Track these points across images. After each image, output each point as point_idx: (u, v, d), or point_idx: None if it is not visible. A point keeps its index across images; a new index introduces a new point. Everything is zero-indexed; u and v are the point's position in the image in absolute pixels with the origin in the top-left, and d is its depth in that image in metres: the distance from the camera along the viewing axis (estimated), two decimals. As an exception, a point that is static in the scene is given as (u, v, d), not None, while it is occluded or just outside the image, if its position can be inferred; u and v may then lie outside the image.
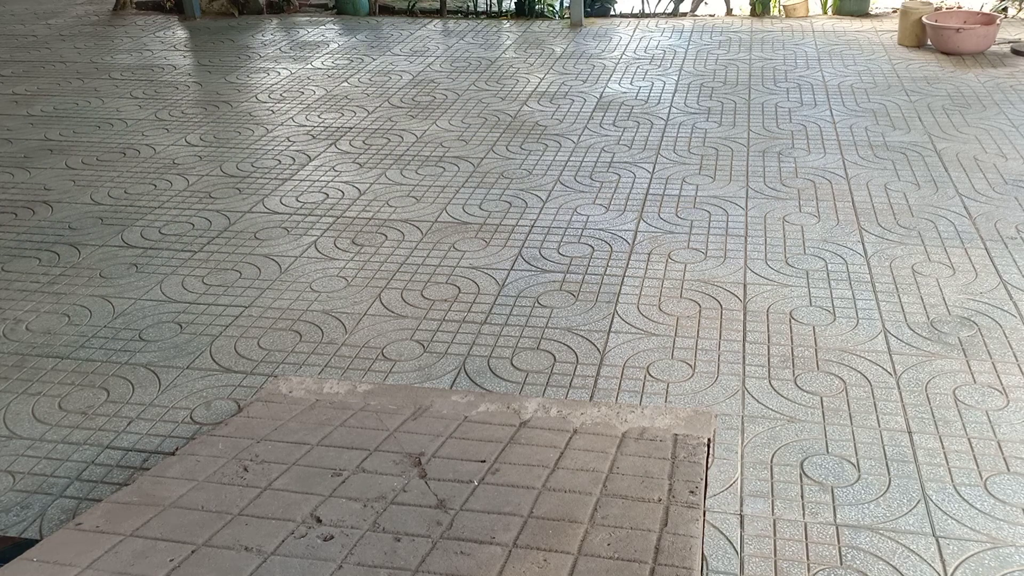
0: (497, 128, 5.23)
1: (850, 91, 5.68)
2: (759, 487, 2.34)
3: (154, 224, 4.09)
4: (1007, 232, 3.72)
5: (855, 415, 2.61)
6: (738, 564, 2.10)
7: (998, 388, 2.72)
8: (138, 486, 2.04)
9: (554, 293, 3.36)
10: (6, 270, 3.69)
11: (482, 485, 1.99)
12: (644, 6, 8.32)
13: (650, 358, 2.93)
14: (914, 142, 4.77)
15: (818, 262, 3.52)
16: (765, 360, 2.89)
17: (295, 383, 2.55)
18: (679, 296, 3.31)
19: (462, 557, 1.75)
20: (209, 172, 4.71)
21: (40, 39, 7.86)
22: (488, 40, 7.40)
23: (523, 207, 4.13)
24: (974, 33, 6.33)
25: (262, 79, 6.45)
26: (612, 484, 1.98)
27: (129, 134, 5.34)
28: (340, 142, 5.09)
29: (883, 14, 7.83)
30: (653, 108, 5.49)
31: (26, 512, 2.34)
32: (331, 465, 2.09)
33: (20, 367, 3.01)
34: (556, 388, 2.80)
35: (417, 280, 3.50)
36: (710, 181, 4.35)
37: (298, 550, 1.78)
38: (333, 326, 3.19)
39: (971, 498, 2.29)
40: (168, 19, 8.54)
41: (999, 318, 3.10)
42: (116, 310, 3.35)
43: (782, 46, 6.85)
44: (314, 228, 4.00)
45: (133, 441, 2.62)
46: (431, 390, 2.51)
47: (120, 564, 1.75)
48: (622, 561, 1.73)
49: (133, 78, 6.57)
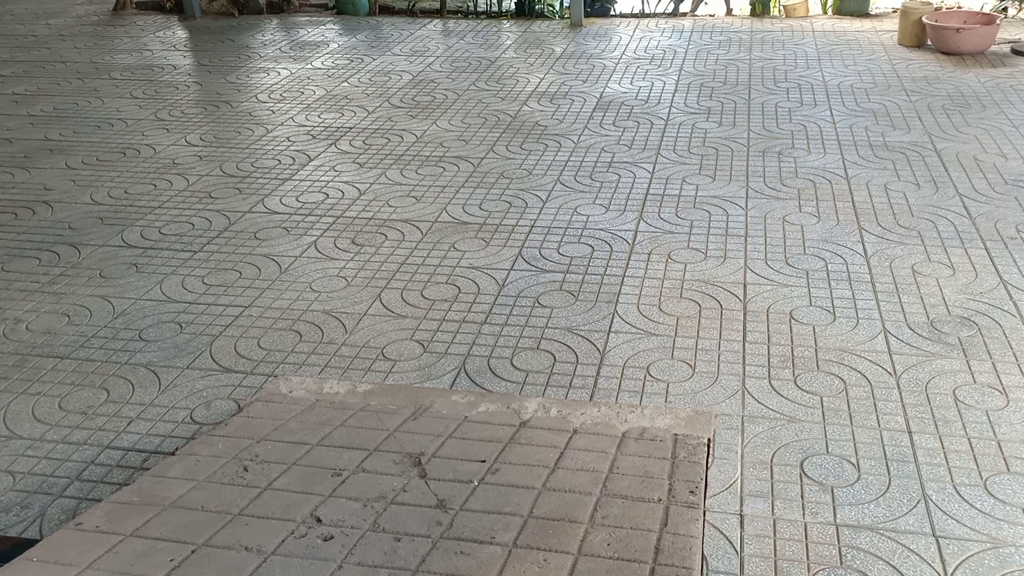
0: (497, 128, 5.23)
1: (850, 91, 5.68)
2: (759, 487, 2.34)
3: (154, 224, 4.09)
4: (1007, 232, 3.72)
5: (855, 415, 2.61)
6: (738, 564, 2.10)
7: (998, 388, 2.72)
8: (138, 486, 2.04)
9: (554, 293, 3.36)
10: (6, 270, 3.69)
11: (482, 485, 1.99)
12: (644, 6, 8.32)
13: (650, 358, 2.93)
14: (914, 142, 4.77)
15: (818, 262, 3.52)
16: (765, 360, 2.89)
17: (295, 383, 2.55)
18: (679, 296, 3.31)
19: (462, 557, 1.75)
20: (209, 172, 4.71)
21: (40, 39, 7.86)
22: (488, 40, 7.40)
23: (523, 207, 4.13)
24: (974, 33, 6.33)
25: (262, 79, 6.45)
26: (612, 484, 1.98)
27: (129, 134, 5.34)
28: (340, 142, 5.09)
29: (883, 14, 7.83)
30: (653, 108, 5.49)
31: (26, 512, 2.34)
32: (331, 465, 2.09)
33: (20, 367, 3.01)
34: (556, 388, 2.80)
35: (417, 280, 3.50)
36: (710, 181, 4.35)
37: (298, 550, 1.78)
38: (333, 326, 3.19)
39: (971, 498, 2.29)
40: (168, 19, 8.54)
41: (999, 318, 3.10)
42: (116, 310, 3.35)
43: (782, 46, 6.85)
44: (314, 228, 4.00)
45: (133, 441, 2.62)
46: (431, 390, 2.51)
47: (120, 564, 1.75)
48: (622, 561, 1.73)
49: (133, 78, 6.57)
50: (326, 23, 8.17)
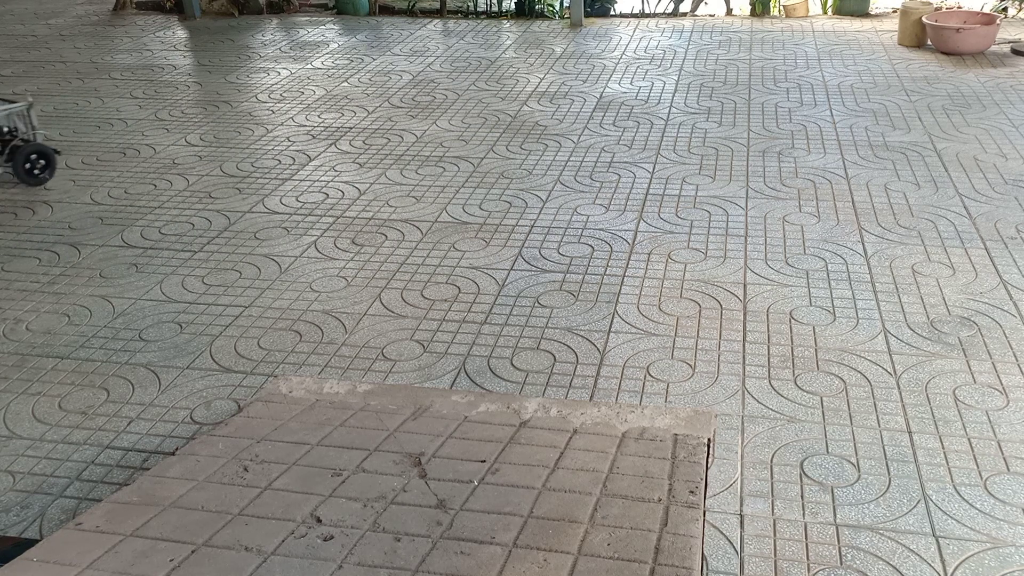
0: (497, 128, 5.23)
1: (850, 91, 5.68)
2: (759, 487, 2.34)
3: (154, 224, 4.09)
4: (1007, 232, 3.72)
5: (855, 415, 2.61)
6: (738, 564, 2.10)
7: (998, 388, 2.72)
8: (138, 486, 2.04)
9: (554, 293, 3.36)
10: (6, 270, 3.69)
11: (482, 485, 1.99)
12: (644, 6, 8.32)
13: (650, 358, 2.93)
14: (914, 142, 4.77)
15: (818, 262, 3.52)
16: (765, 360, 2.89)
17: (295, 383, 2.55)
18: (679, 296, 3.31)
19: (462, 557, 1.75)
20: (209, 172, 4.71)
21: (40, 39, 7.86)
22: (488, 40, 7.40)
23: (523, 207, 4.13)
24: (974, 33, 6.33)
25: (262, 79, 6.45)
26: (612, 484, 1.98)
27: (129, 134, 5.34)
28: (340, 142, 5.09)
29: (883, 14, 7.83)
30: (653, 108, 5.49)
31: (26, 512, 2.34)
32: (331, 465, 2.09)
33: (20, 367, 3.01)
34: (556, 388, 2.80)
35: (417, 280, 3.50)
36: (710, 181, 4.35)
37: (298, 550, 1.78)
38: (333, 326, 3.19)
39: (971, 498, 2.29)
40: (168, 19, 8.54)
41: (999, 318, 3.10)
42: (116, 310, 3.35)
43: (782, 46, 6.84)
44: (314, 228, 3.99)
45: (133, 441, 2.62)
46: (431, 390, 2.51)
47: (120, 564, 1.75)
48: (622, 561, 1.73)
49: (133, 78, 6.57)
50: (326, 23, 8.17)
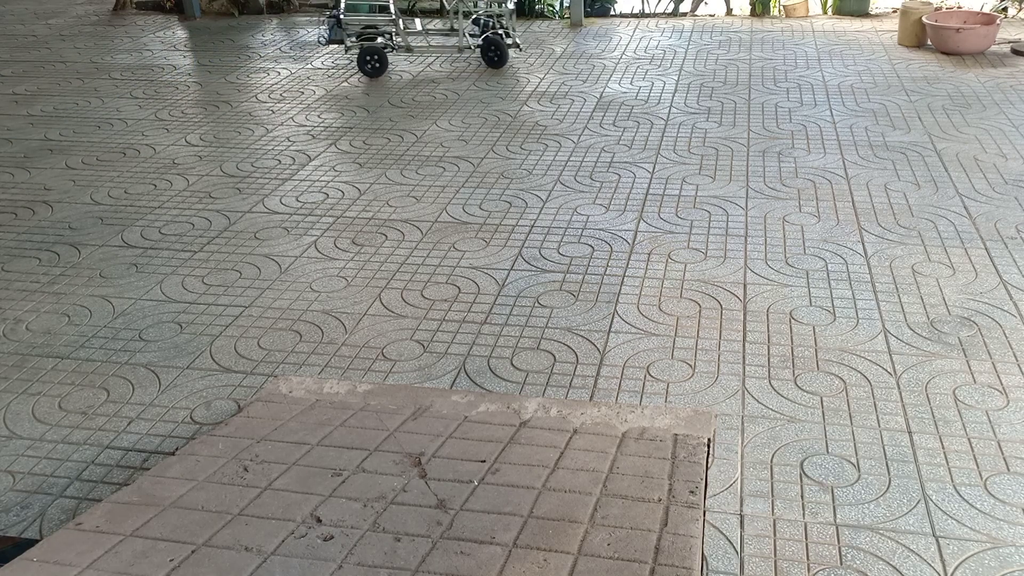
0: (497, 128, 5.23)
1: (850, 91, 5.68)
2: (759, 487, 2.34)
3: (154, 224, 4.09)
4: (1007, 232, 3.72)
5: (855, 415, 2.61)
6: (738, 564, 2.10)
7: (998, 388, 2.72)
8: (138, 486, 2.04)
9: (554, 293, 3.36)
10: (6, 270, 3.69)
11: (482, 485, 1.99)
12: (644, 6, 8.32)
13: (650, 358, 2.93)
14: (914, 142, 4.77)
15: (818, 262, 3.52)
16: (765, 360, 2.89)
17: (295, 383, 2.55)
18: (679, 296, 3.31)
19: (462, 557, 1.75)
20: (209, 172, 4.71)
21: (40, 39, 7.86)
22: (488, 40, 7.39)
23: (523, 207, 4.13)
24: (974, 33, 6.33)
25: (262, 79, 6.44)
26: (612, 484, 1.98)
27: (129, 134, 5.34)
28: (340, 142, 5.09)
29: (883, 14, 7.83)
30: (653, 108, 5.49)
31: (26, 512, 2.34)
32: (331, 465, 2.09)
33: (20, 367, 3.00)
34: (556, 388, 2.80)
35: (417, 280, 3.50)
36: (710, 181, 4.35)
37: (298, 550, 1.78)
38: (333, 326, 3.19)
39: (971, 498, 2.29)
40: (168, 19, 8.54)
41: (999, 318, 3.10)
42: (116, 310, 3.35)
43: (782, 46, 6.84)
44: (314, 228, 3.99)
45: (133, 441, 2.62)
46: (431, 390, 2.51)
47: (120, 564, 1.75)
48: (622, 561, 1.73)
49: (133, 78, 6.57)
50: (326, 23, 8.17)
